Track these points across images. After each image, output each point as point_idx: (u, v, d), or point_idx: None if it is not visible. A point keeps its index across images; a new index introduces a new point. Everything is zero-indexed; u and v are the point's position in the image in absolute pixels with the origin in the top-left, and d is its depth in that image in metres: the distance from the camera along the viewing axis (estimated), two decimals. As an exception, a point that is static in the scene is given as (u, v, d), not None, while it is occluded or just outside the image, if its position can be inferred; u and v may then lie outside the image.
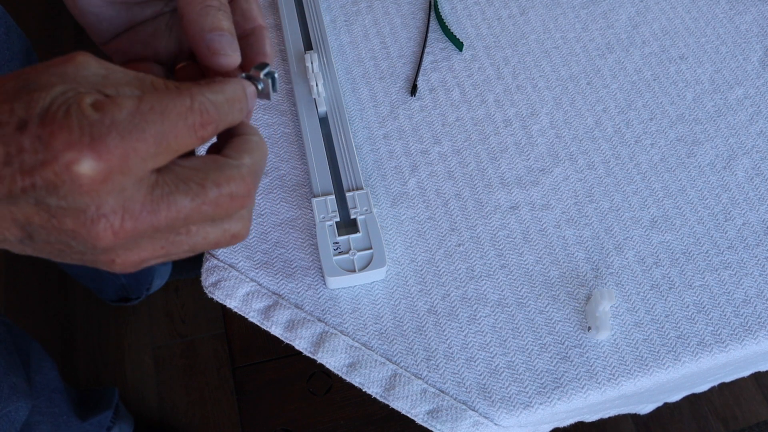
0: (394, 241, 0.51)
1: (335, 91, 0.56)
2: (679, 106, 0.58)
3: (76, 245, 0.26)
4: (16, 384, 0.75)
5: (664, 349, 0.47)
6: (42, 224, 0.25)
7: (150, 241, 0.27)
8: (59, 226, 0.25)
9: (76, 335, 1.29)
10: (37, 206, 0.25)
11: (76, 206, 0.25)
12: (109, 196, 0.25)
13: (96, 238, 0.25)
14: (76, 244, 0.26)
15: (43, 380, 0.86)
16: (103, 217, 0.25)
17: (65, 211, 0.25)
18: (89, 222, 0.25)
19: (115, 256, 0.27)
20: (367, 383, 0.45)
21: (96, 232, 0.25)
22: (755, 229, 0.52)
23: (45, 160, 0.24)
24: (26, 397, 0.77)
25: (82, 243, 0.26)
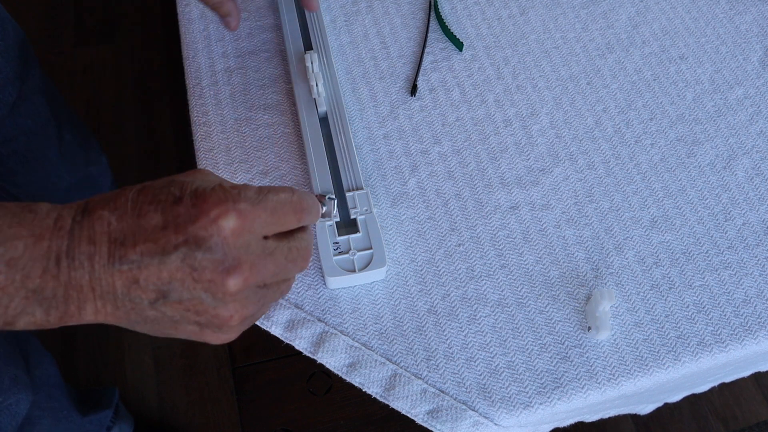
0: (394, 241, 0.51)
1: (335, 91, 0.56)
2: (679, 106, 0.58)
3: (206, 298, 0.32)
4: (17, 376, 0.75)
5: (664, 349, 0.47)
6: (183, 278, 0.31)
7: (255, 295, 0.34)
8: (199, 277, 0.31)
9: (76, 335, 1.29)
10: (183, 261, 0.31)
11: (217, 257, 0.31)
12: (241, 249, 0.32)
13: (228, 285, 0.32)
14: (206, 297, 0.32)
15: (43, 375, 0.86)
16: (237, 266, 0.32)
17: (207, 262, 0.31)
18: (225, 271, 0.32)
19: (234, 311, 0.33)
20: (367, 383, 0.45)
21: (230, 279, 0.32)
22: (755, 229, 0.52)
23: (197, 217, 0.31)
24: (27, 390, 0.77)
25: (213, 293, 0.32)
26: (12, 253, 0.30)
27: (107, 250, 0.32)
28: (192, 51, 0.59)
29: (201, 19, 0.61)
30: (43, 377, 0.86)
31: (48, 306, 0.31)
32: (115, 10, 1.70)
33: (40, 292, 0.31)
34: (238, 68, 0.58)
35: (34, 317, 0.31)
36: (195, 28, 0.61)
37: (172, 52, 1.62)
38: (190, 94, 0.57)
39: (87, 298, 0.32)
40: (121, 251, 0.32)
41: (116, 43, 1.64)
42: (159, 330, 0.34)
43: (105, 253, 0.32)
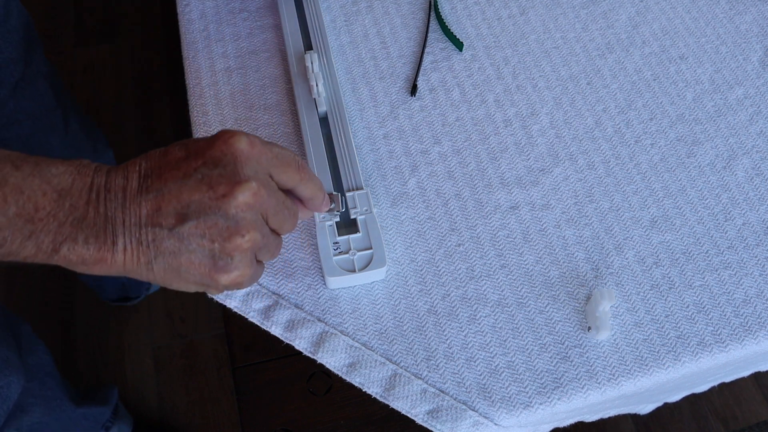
0: (394, 241, 0.51)
1: (335, 91, 0.56)
2: (679, 106, 0.58)
3: (221, 218, 0.36)
4: (9, 358, 0.74)
5: (664, 349, 0.47)
6: (200, 198, 0.36)
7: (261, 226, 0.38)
8: (215, 194, 0.36)
9: (76, 335, 1.29)
10: (201, 181, 0.36)
11: (229, 172, 0.36)
12: (250, 171, 0.37)
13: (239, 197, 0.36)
14: (221, 217, 0.36)
15: (37, 363, 0.85)
16: (247, 180, 0.36)
17: (222, 178, 0.36)
18: (237, 183, 0.36)
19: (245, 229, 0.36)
20: (367, 383, 0.45)
21: (241, 189, 0.36)
22: (755, 229, 0.52)
23: (213, 142, 0.37)
24: (18, 373, 0.76)
25: (227, 210, 0.36)
26: (63, 184, 0.35)
27: (137, 183, 0.36)
28: (192, 51, 0.59)
29: (201, 19, 0.61)
30: (37, 365, 0.85)
31: (88, 235, 0.35)
32: (115, 10, 1.70)
33: (83, 220, 0.35)
34: (238, 68, 0.58)
35: (76, 244, 0.34)
36: (195, 28, 0.61)
37: (172, 52, 1.62)
38: (190, 94, 0.57)
39: (119, 232, 0.35)
40: (147, 182, 0.36)
41: (116, 43, 1.64)
42: (174, 269, 0.36)
43: (135, 185, 0.36)
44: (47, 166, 0.35)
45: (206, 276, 0.37)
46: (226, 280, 0.38)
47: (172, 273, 0.37)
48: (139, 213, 0.36)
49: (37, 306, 1.31)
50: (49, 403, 0.89)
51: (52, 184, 0.34)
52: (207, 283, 0.38)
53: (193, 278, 0.37)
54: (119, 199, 0.36)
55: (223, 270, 0.37)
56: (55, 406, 0.90)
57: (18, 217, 0.33)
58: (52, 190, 0.34)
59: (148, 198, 0.36)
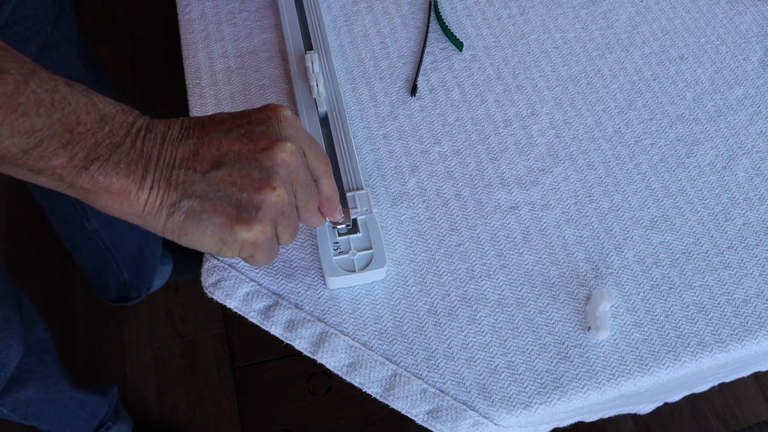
0: (394, 241, 0.51)
1: (335, 91, 0.56)
2: (679, 106, 0.58)
3: (255, 169, 0.37)
4: (10, 318, 0.74)
5: (664, 349, 0.47)
6: (239, 149, 0.37)
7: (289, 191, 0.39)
8: (254, 147, 0.37)
9: (76, 335, 1.29)
10: (243, 135, 0.38)
11: (272, 131, 0.38)
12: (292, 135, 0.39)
13: (278, 153, 0.37)
14: (255, 167, 0.37)
15: (35, 339, 0.85)
16: (288, 140, 0.38)
17: (264, 134, 0.38)
18: (278, 140, 0.38)
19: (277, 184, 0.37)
20: (367, 383, 0.45)
21: (280, 146, 0.38)
22: (755, 229, 0.52)
23: (259, 109, 0.39)
24: (18, 337, 0.75)
25: (262, 162, 0.37)
26: (106, 111, 0.36)
27: (178, 131, 0.38)
28: (192, 51, 0.59)
29: (201, 19, 0.61)
30: (35, 341, 0.85)
31: (120, 160, 0.35)
32: (115, 10, 1.70)
33: (118, 147, 0.35)
34: (238, 68, 0.58)
35: (107, 165, 0.35)
36: (195, 28, 0.61)
37: (172, 52, 1.62)
38: (190, 94, 0.57)
39: (150, 168, 0.36)
40: (189, 132, 0.38)
41: (116, 43, 1.64)
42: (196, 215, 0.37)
43: (176, 132, 0.37)
44: (96, 95, 0.36)
45: (226, 226, 0.37)
46: (246, 234, 0.37)
47: (192, 219, 0.37)
48: (174, 154, 0.37)
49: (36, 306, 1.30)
50: (46, 380, 0.88)
51: (97, 106, 0.35)
52: (224, 236, 0.37)
53: (212, 229, 0.37)
54: (158, 140, 0.37)
55: (245, 222, 0.37)
56: (52, 384, 0.90)
57: (60, 123, 0.33)
58: (96, 111, 0.35)
59: (188, 143, 0.37)
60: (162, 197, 0.36)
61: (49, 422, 0.95)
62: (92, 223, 1.00)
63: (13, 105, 0.32)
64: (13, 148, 0.33)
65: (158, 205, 0.36)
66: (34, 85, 0.33)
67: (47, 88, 0.33)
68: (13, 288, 0.79)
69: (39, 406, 0.90)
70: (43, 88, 0.33)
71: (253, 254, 0.39)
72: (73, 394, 0.96)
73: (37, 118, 0.33)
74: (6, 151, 0.33)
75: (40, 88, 0.33)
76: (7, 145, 0.32)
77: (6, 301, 0.73)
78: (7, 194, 1.44)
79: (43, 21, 0.73)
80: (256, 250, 0.39)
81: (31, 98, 0.32)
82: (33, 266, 1.36)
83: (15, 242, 1.38)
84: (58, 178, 0.35)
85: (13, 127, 0.32)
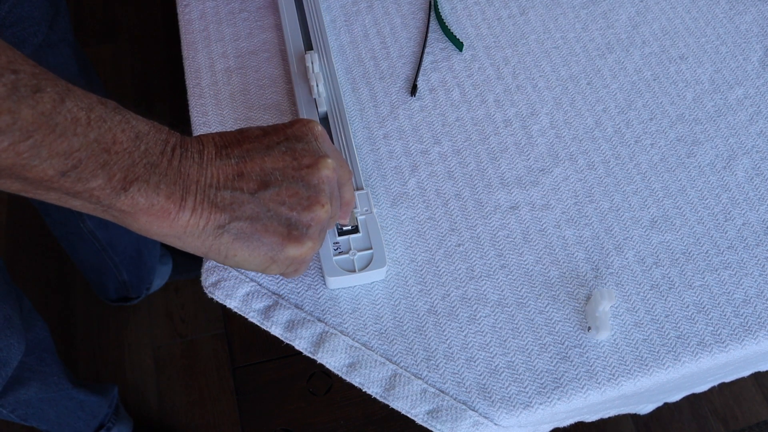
0: (394, 241, 0.51)
1: (335, 91, 0.56)
2: (679, 106, 0.58)
3: (302, 187, 0.37)
4: (11, 317, 0.73)
5: (664, 349, 0.47)
6: (284, 166, 0.37)
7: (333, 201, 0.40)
8: (299, 164, 0.38)
9: (75, 335, 1.29)
10: (284, 152, 0.38)
11: (313, 148, 0.39)
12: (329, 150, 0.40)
13: (323, 169, 0.38)
14: (302, 185, 0.37)
15: (35, 338, 0.85)
16: (328, 157, 0.39)
17: (305, 152, 0.38)
18: (321, 157, 0.38)
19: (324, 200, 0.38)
20: (367, 383, 0.45)
21: (324, 163, 0.38)
22: (755, 229, 0.52)
23: (292, 124, 0.40)
24: (19, 336, 0.75)
25: (308, 180, 0.38)
26: (140, 128, 0.35)
27: (215, 150, 0.37)
28: (192, 51, 0.59)
29: (201, 20, 0.61)
30: (35, 340, 0.85)
31: (159, 180, 0.34)
32: (115, 10, 1.70)
33: (156, 167, 0.34)
34: (238, 68, 0.58)
35: (147, 185, 0.34)
36: (195, 28, 0.61)
37: (172, 52, 1.62)
38: (190, 94, 0.57)
39: (191, 189, 0.35)
40: (227, 150, 0.37)
41: (116, 43, 1.64)
42: (246, 236, 0.36)
43: (213, 151, 0.37)
44: (127, 111, 0.35)
45: (277, 245, 0.37)
46: (297, 251, 0.37)
47: (242, 240, 0.36)
48: (216, 175, 0.36)
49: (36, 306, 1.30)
50: (47, 379, 0.88)
51: (131, 123, 0.34)
52: (274, 254, 0.37)
53: (262, 249, 0.37)
54: (195, 159, 0.36)
55: (297, 240, 0.37)
56: (52, 383, 0.90)
57: (97, 142, 0.32)
58: (131, 129, 0.34)
59: (229, 163, 0.36)
60: (207, 219, 0.36)
61: (49, 423, 0.95)
62: (87, 224, 1.00)
63: (51, 125, 0.30)
64: (50, 170, 0.31)
65: (202, 226, 0.36)
66: (70, 104, 0.31)
67: (83, 106, 0.32)
68: (15, 289, 0.79)
69: (39, 406, 0.90)
70: (78, 106, 0.32)
71: (298, 268, 0.40)
72: (73, 394, 0.95)
73: (75, 138, 0.31)
74: (43, 174, 0.31)
75: (76, 106, 0.32)
76: (45, 167, 0.31)
77: (7, 301, 0.73)
78: (8, 194, 1.44)
79: (40, 22, 0.73)
80: (302, 265, 0.40)
81: (68, 118, 0.31)
82: (33, 266, 1.36)
83: (15, 242, 1.38)
84: (95, 201, 0.34)
85: (51, 148, 0.31)
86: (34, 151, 0.30)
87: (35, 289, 1.33)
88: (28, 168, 0.31)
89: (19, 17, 0.69)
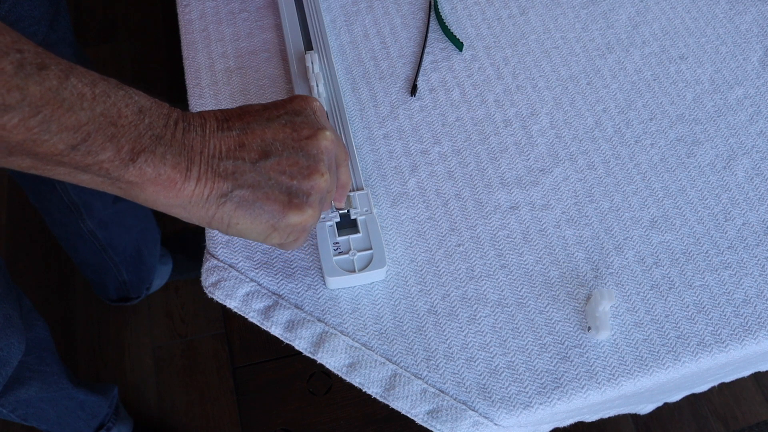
0: (394, 241, 0.51)
1: (335, 91, 0.56)
2: (679, 106, 0.58)
3: (301, 157, 0.38)
4: (11, 316, 0.73)
5: (664, 349, 0.47)
6: (284, 138, 0.39)
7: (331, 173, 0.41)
8: (298, 135, 0.39)
9: (76, 335, 1.29)
10: (285, 125, 0.39)
11: (312, 120, 0.40)
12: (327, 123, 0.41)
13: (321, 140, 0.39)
14: (302, 155, 0.39)
15: (35, 338, 0.85)
16: (327, 129, 0.40)
17: (305, 124, 0.40)
18: (320, 128, 0.40)
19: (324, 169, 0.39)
20: (367, 383, 0.45)
21: (323, 134, 0.39)
22: (755, 229, 0.52)
23: (291, 99, 0.41)
24: (19, 335, 0.75)
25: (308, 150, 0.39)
26: (143, 103, 0.35)
27: (216, 124, 0.38)
28: (192, 51, 0.59)
29: (201, 20, 0.61)
30: (35, 340, 0.85)
31: (165, 151, 0.35)
32: (115, 10, 1.70)
33: (161, 138, 0.35)
34: (238, 68, 0.58)
35: (154, 156, 0.35)
36: (195, 28, 0.61)
37: (172, 52, 1.62)
38: (190, 94, 0.57)
39: (195, 159, 0.36)
40: (228, 123, 0.38)
41: (116, 43, 1.64)
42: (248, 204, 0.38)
43: (214, 125, 0.38)
44: (129, 88, 0.35)
45: (279, 213, 0.38)
46: (298, 218, 0.38)
47: (244, 209, 0.37)
48: (219, 146, 0.37)
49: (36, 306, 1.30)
50: (47, 379, 0.88)
51: (133, 99, 0.35)
52: (276, 222, 0.38)
53: (264, 216, 0.38)
54: (197, 131, 0.37)
55: (297, 207, 0.38)
56: (53, 383, 0.90)
57: (103, 116, 0.33)
58: (134, 103, 0.35)
59: (231, 135, 0.38)
60: (211, 188, 0.37)
61: (49, 423, 0.95)
62: (88, 224, 1.00)
63: (58, 100, 0.31)
64: (60, 144, 0.32)
65: (206, 195, 0.37)
66: (74, 80, 0.32)
67: (86, 82, 0.33)
68: (13, 287, 0.79)
69: (39, 406, 0.90)
70: (83, 82, 0.33)
71: (298, 238, 0.41)
72: (73, 393, 0.95)
73: (82, 112, 0.32)
74: (54, 149, 0.32)
75: (80, 82, 0.33)
76: (55, 141, 0.32)
77: (7, 300, 0.73)
78: (7, 194, 1.43)
79: (40, 21, 0.73)
80: (302, 234, 0.40)
81: (74, 93, 0.32)
82: (33, 266, 1.36)
83: (15, 242, 1.38)
84: (104, 174, 0.34)
85: (60, 122, 0.32)
86: (44, 126, 0.31)
87: (35, 288, 1.33)
88: (39, 143, 0.32)
89: (19, 16, 0.69)
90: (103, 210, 1.01)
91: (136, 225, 1.11)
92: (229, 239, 0.50)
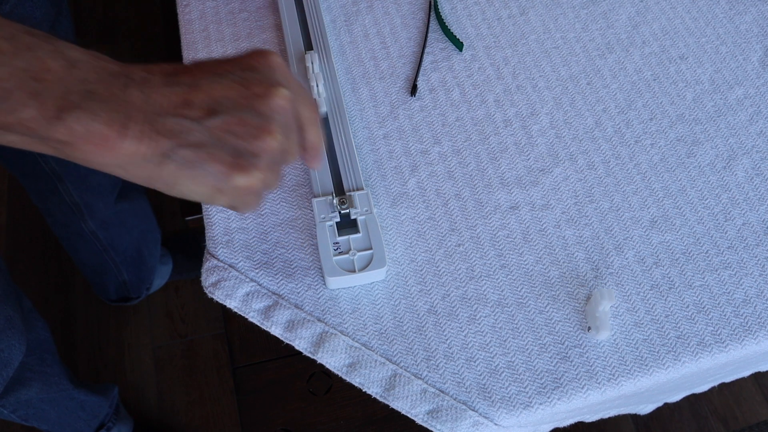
0: (394, 241, 0.51)
1: (335, 91, 0.56)
2: (679, 106, 0.58)
3: (250, 115, 0.36)
4: (12, 317, 0.73)
5: (664, 349, 0.47)
6: (233, 95, 0.36)
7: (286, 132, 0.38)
8: (248, 93, 0.36)
9: (75, 335, 1.29)
10: (236, 81, 0.36)
11: (265, 77, 0.37)
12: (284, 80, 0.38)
13: (273, 98, 0.36)
14: (251, 114, 0.36)
15: (36, 339, 0.85)
16: (282, 86, 0.37)
17: (257, 80, 0.36)
18: (272, 85, 0.36)
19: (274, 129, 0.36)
20: (367, 383, 0.45)
21: (276, 92, 0.36)
22: (755, 229, 0.52)
23: (248, 55, 0.38)
24: (20, 336, 0.74)
25: (258, 107, 0.36)
26: (75, 56, 0.33)
27: (161, 78, 0.35)
28: (192, 51, 0.59)
29: (201, 20, 0.61)
30: (36, 341, 0.85)
31: (98, 108, 0.32)
32: (115, 11, 1.70)
33: (93, 95, 0.32)
34: (238, 68, 0.58)
35: (82, 112, 0.32)
36: (195, 29, 0.61)
37: (172, 52, 1.62)
38: (190, 94, 0.57)
39: (134, 116, 0.33)
40: (175, 78, 0.35)
41: (116, 43, 1.64)
42: (191, 165, 0.35)
43: (159, 79, 0.35)
44: (62, 42, 0.33)
45: (224, 174, 0.35)
46: (244, 181, 0.36)
47: (187, 169, 0.35)
48: (161, 102, 0.34)
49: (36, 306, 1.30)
50: (48, 380, 0.88)
51: (63, 53, 0.32)
52: (221, 184, 0.36)
53: (208, 178, 0.35)
54: (139, 86, 0.34)
55: (243, 169, 0.36)
56: (53, 383, 0.90)
57: (24, 71, 0.31)
58: (63, 57, 0.32)
59: (176, 90, 0.35)
60: (150, 146, 0.34)
61: (50, 423, 0.95)
62: (89, 225, 1.00)
63: None
64: None
65: (146, 154, 0.34)
66: None
67: (5, 36, 0.31)
68: (14, 288, 0.79)
69: (40, 406, 0.90)
70: (1, 36, 0.31)
71: (246, 201, 0.38)
72: (73, 394, 0.95)
73: (0, 68, 0.30)
74: None
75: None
76: None
77: (7, 301, 0.73)
78: (7, 194, 1.44)
79: (41, 22, 0.73)
80: (253, 198, 0.38)
81: None
82: (33, 266, 1.36)
83: (15, 242, 1.38)
84: (30, 133, 0.32)
85: None
86: None
87: (36, 289, 1.33)
88: None
89: (20, 17, 0.69)
90: (104, 210, 1.01)
91: (137, 225, 1.11)
92: (230, 239, 0.50)
